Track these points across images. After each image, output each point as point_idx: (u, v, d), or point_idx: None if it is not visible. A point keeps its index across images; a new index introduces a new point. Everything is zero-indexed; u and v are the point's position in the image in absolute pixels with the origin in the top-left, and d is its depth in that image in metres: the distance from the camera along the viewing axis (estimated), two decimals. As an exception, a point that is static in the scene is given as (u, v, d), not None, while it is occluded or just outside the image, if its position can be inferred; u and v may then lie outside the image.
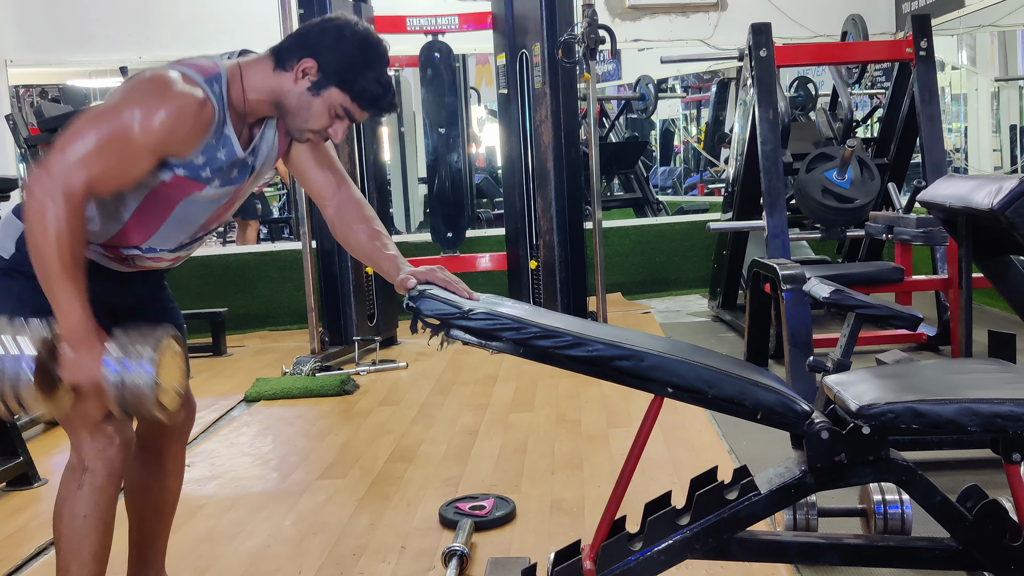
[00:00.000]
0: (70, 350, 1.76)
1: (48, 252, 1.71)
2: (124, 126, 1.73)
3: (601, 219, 5.58)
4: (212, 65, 1.83)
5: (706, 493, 1.82)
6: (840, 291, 2.26)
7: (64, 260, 1.72)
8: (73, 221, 1.71)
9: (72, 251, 1.73)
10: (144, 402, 1.77)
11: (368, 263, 2.09)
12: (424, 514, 2.90)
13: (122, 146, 1.73)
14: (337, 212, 2.09)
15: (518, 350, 1.76)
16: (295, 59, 1.85)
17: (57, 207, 1.69)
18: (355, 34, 1.86)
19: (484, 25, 5.93)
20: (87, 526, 1.91)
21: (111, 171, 1.74)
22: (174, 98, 1.75)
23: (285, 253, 6.61)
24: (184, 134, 1.77)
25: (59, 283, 1.73)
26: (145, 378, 1.76)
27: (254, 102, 1.88)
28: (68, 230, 1.71)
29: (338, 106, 1.87)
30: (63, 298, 1.74)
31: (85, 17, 6.24)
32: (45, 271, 1.73)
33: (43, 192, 1.70)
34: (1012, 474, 1.80)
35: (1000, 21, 7.82)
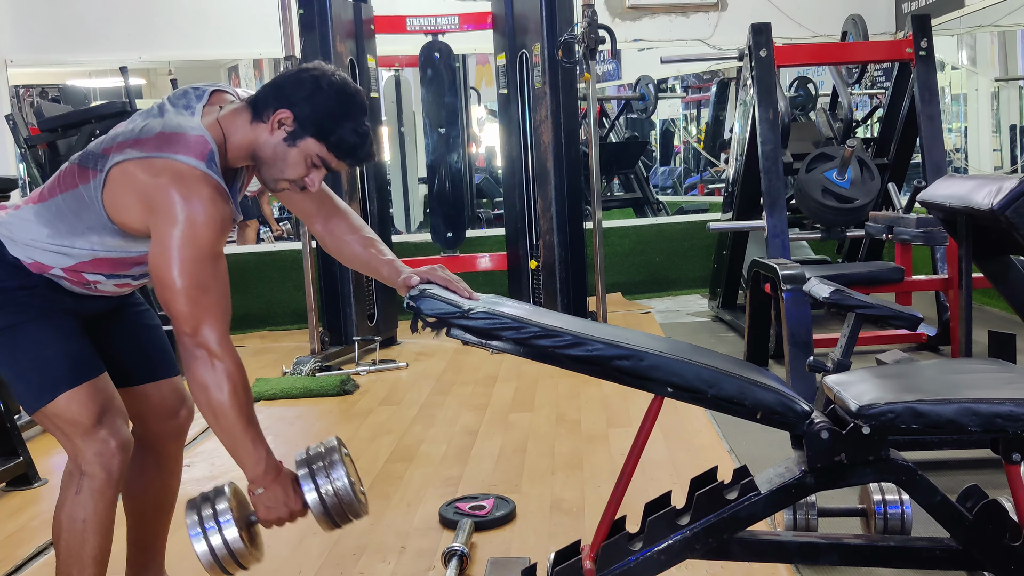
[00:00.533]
0: (263, 490, 1.84)
1: (228, 411, 1.79)
2: (205, 255, 1.78)
3: (601, 219, 5.58)
4: (200, 140, 1.81)
5: (706, 493, 1.82)
6: (840, 291, 2.26)
7: (244, 413, 1.81)
8: (237, 369, 1.80)
9: (248, 398, 1.82)
10: (352, 507, 1.85)
11: (366, 271, 2.10)
12: (424, 514, 2.90)
13: (209, 273, 1.80)
14: (325, 227, 2.09)
15: (518, 349, 1.76)
16: (271, 110, 1.85)
17: (224, 361, 1.78)
18: (332, 85, 1.85)
19: (484, 25, 5.93)
20: (86, 530, 1.91)
21: (219, 296, 1.82)
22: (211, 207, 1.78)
23: (285, 253, 6.61)
24: (224, 225, 1.82)
25: (244, 435, 1.81)
26: (346, 486, 1.83)
27: (233, 154, 1.89)
28: (241, 380, 1.80)
29: (314, 156, 1.87)
30: (250, 447, 1.82)
31: (85, 17, 6.24)
32: (228, 429, 1.80)
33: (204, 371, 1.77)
34: (1012, 474, 1.80)
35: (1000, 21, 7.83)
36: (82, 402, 1.89)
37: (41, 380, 1.89)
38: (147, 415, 2.13)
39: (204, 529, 1.80)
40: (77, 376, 1.89)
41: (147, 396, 2.12)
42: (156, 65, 9.46)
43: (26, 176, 6.24)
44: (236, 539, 1.80)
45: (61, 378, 1.88)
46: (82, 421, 1.89)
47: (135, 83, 7.55)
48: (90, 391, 1.90)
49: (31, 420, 3.76)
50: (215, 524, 1.80)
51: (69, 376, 1.89)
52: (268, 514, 1.86)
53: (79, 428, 1.89)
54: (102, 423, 1.90)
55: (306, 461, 1.87)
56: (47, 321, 1.91)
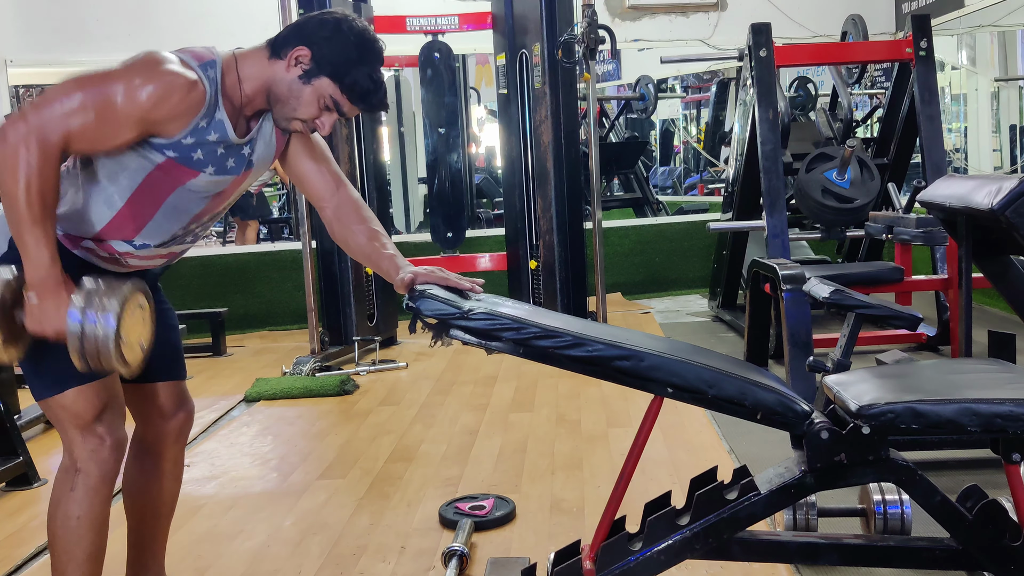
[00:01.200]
0: (36, 297, 1.75)
1: (18, 197, 1.70)
2: (110, 92, 1.73)
3: (601, 219, 5.58)
4: (208, 53, 1.85)
5: (706, 493, 1.82)
6: (840, 291, 2.26)
7: (34, 206, 1.71)
8: (46, 169, 1.71)
9: (43, 198, 1.72)
10: (105, 355, 1.75)
11: (367, 263, 2.09)
12: (424, 514, 2.90)
13: (104, 110, 1.73)
14: (335, 214, 2.09)
15: (518, 350, 1.76)
16: (290, 47, 1.86)
17: (30, 153, 1.69)
18: (352, 29, 1.87)
19: (484, 25, 5.93)
20: (81, 527, 1.91)
21: (89, 131, 1.74)
22: (163, 75, 1.76)
23: (285, 253, 6.60)
24: (168, 111, 1.77)
25: (28, 229, 1.72)
26: (107, 330, 1.73)
27: (250, 92, 1.88)
28: (39, 176, 1.71)
29: (328, 97, 1.88)
30: (31, 243, 1.73)
31: (85, 17, 6.24)
32: (15, 216, 1.72)
33: (17, 137, 1.70)
34: (1012, 474, 1.80)
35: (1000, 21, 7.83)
36: (88, 398, 1.89)
37: (56, 372, 1.88)
38: (150, 414, 2.13)
39: None
40: (90, 374, 1.89)
41: (153, 395, 2.12)
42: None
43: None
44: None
45: (74, 374, 1.87)
46: (84, 416, 1.90)
47: (135, 83, 7.53)
48: (97, 389, 1.91)
49: (31, 420, 3.77)
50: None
51: (83, 373, 1.88)
52: (31, 323, 1.78)
53: (79, 422, 1.90)
54: (101, 420, 1.91)
55: (87, 291, 1.77)
56: None
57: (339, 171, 2.10)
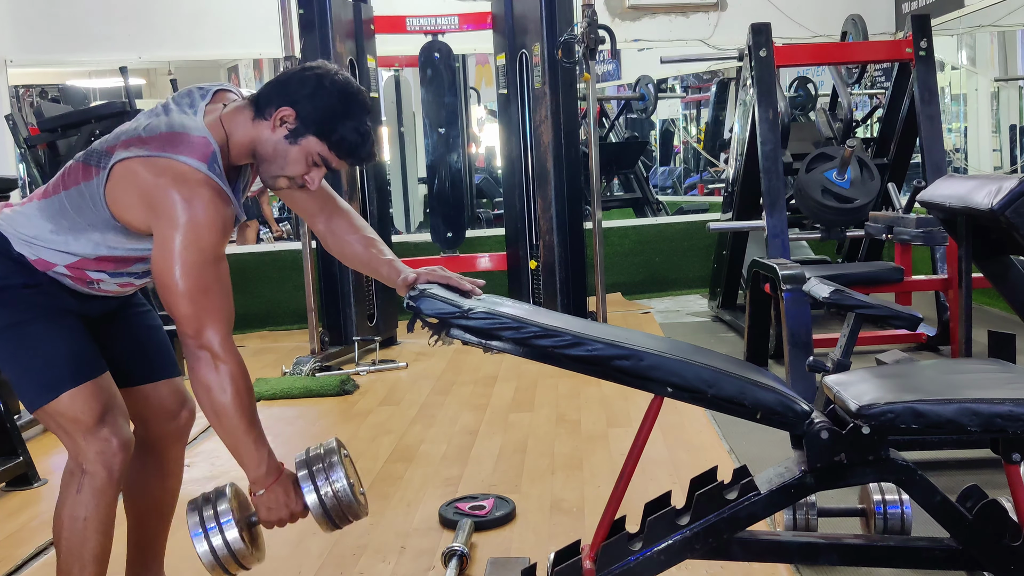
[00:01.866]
0: (264, 491, 1.85)
1: (232, 412, 1.80)
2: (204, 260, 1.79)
3: (601, 219, 5.58)
4: (203, 142, 1.82)
5: (706, 493, 1.82)
6: (840, 291, 2.26)
7: (247, 414, 1.82)
8: (241, 370, 1.81)
9: (251, 399, 1.84)
10: (352, 509, 1.86)
11: (366, 271, 2.10)
12: (424, 514, 2.90)
13: (211, 275, 1.80)
14: (327, 227, 2.10)
15: (518, 349, 1.76)
16: (273, 107, 1.85)
17: (227, 364, 1.79)
18: (335, 83, 1.86)
19: (484, 25, 5.93)
20: (87, 529, 1.91)
21: (221, 295, 1.82)
22: (212, 211, 1.78)
23: (285, 253, 6.61)
24: (226, 228, 1.83)
25: (247, 437, 1.82)
26: (345, 489, 1.84)
27: (235, 153, 1.89)
28: (244, 382, 1.82)
29: (315, 154, 1.87)
30: (253, 448, 1.83)
31: (85, 17, 6.24)
32: (231, 430, 1.81)
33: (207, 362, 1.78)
34: (1012, 474, 1.80)
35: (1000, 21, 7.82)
36: (85, 401, 1.89)
37: (44, 378, 1.89)
38: (148, 416, 2.13)
39: (206, 530, 1.80)
40: (80, 375, 1.90)
41: (148, 397, 2.12)
42: (156, 65, 9.46)
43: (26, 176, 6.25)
44: (237, 539, 1.81)
45: (64, 377, 1.88)
46: (84, 420, 1.89)
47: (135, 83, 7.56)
48: (93, 390, 1.90)
49: (31, 420, 3.77)
50: (216, 525, 1.81)
51: (72, 375, 1.89)
52: (269, 515, 1.87)
53: (81, 426, 1.89)
54: (104, 422, 1.90)
55: (306, 462, 1.88)
56: (50, 320, 1.91)
57: (325, 184, 2.09)
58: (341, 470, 1.85)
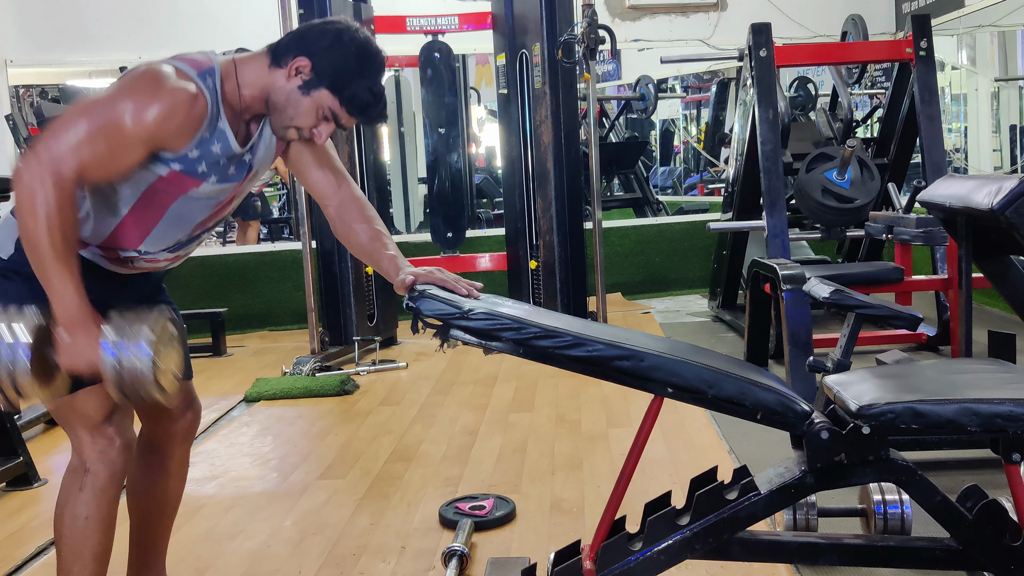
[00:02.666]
0: (66, 335, 1.75)
1: (40, 236, 1.70)
2: (116, 116, 1.74)
3: (601, 219, 5.58)
4: (206, 59, 1.84)
5: (706, 493, 1.82)
6: (840, 291, 2.26)
7: (56, 244, 1.71)
8: (64, 205, 1.71)
9: (64, 235, 1.72)
10: (143, 384, 1.76)
11: (368, 262, 2.09)
12: (424, 514, 2.90)
13: (113, 136, 1.74)
14: (338, 211, 2.09)
15: (518, 350, 1.76)
16: (290, 56, 1.86)
17: (47, 191, 1.69)
18: (354, 40, 1.86)
19: (484, 25, 5.93)
20: (88, 528, 1.91)
21: (101, 160, 1.74)
22: (166, 92, 1.76)
23: (285, 253, 6.61)
24: (175, 127, 1.78)
25: (52, 267, 1.72)
26: (143, 360, 1.74)
27: (249, 98, 1.88)
28: (59, 214, 1.71)
29: (326, 108, 1.88)
30: (57, 282, 1.73)
31: (85, 17, 6.24)
32: (38, 256, 1.72)
33: (32, 177, 1.69)
34: (1012, 474, 1.80)
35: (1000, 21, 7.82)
36: (99, 399, 1.89)
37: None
38: (156, 415, 2.13)
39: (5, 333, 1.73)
40: None
41: None
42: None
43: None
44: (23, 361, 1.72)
45: None
46: (93, 416, 1.90)
47: (135, 83, 7.53)
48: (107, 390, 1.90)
49: (31, 420, 3.77)
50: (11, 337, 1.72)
51: None
52: (66, 361, 1.77)
53: (89, 422, 1.90)
54: (111, 421, 1.91)
55: (118, 325, 1.78)
56: None
57: (342, 168, 2.10)
58: (145, 344, 1.74)
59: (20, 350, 1.71)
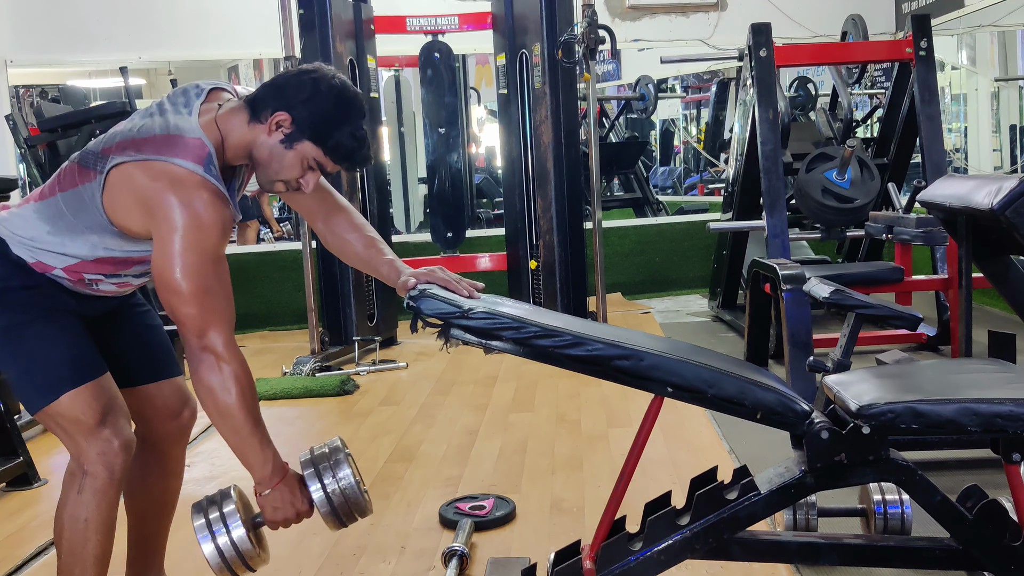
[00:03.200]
0: (270, 491, 1.86)
1: (236, 413, 1.81)
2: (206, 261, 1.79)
3: (601, 219, 5.58)
4: (198, 142, 1.82)
5: (706, 493, 1.82)
6: (840, 291, 2.26)
7: (251, 415, 1.84)
8: (241, 371, 1.82)
9: (255, 400, 1.85)
10: (359, 507, 1.87)
11: (366, 270, 2.10)
12: (424, 514, 2.90)
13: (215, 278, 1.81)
14: (327, 225, 2.10)
15: (518, 349, 1.76)
16: (269, 111, 1.85)
17: (231, 364, 1.80)
18: (331, 88, 1.86)
19: (484, 25, 5.93)
20: (88, 530, 1.91)
21: (226, 292, 1.83)
22: (212, 213, 1.79)
23: (285, 253, 6.61)
24: (225, 228, 1.84)
25: (251, 437, 1.84)
26: (352, 486, 1.85)
27: (231, 154, 1.90)
28: (247, 382, 1.83)
29: (311, 158, 1.88)
30: (257, 449, 1.84)
31: (85, 17, 6.24)
32: (235, 430, 1.82)
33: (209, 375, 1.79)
34: (1012, 474, 1.80)
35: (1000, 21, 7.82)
36: (86, 401, 1.89)
37: (45, 380, 1.89)
38: (150, 415, 2.13)
39: (212, 531, 1.81)
40: (80, 376, 1.90)
41: (150, 396, 2.12)
42: (156, 65, 9.46)
43: (26, 176, 6.25)
44: (244, 539, 1.82)
45: (64, 378, 1.88)
46: (85, 420, 1.89)
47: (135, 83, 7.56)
48: (94, 391, 1.90)
49: (31, 420, 3.77)
50: (223, 526, 1.82)
51: (72, 376, 1.89)
52: (275, 515, 1.87)
53: (82, 427, 1.89)
54: (105, 423, 1.90)
55: (311, 461, 1.89)
56: (50, 321, 1.91)
57: (325, 182, 2.09)
58: (347, 467, 1.86)
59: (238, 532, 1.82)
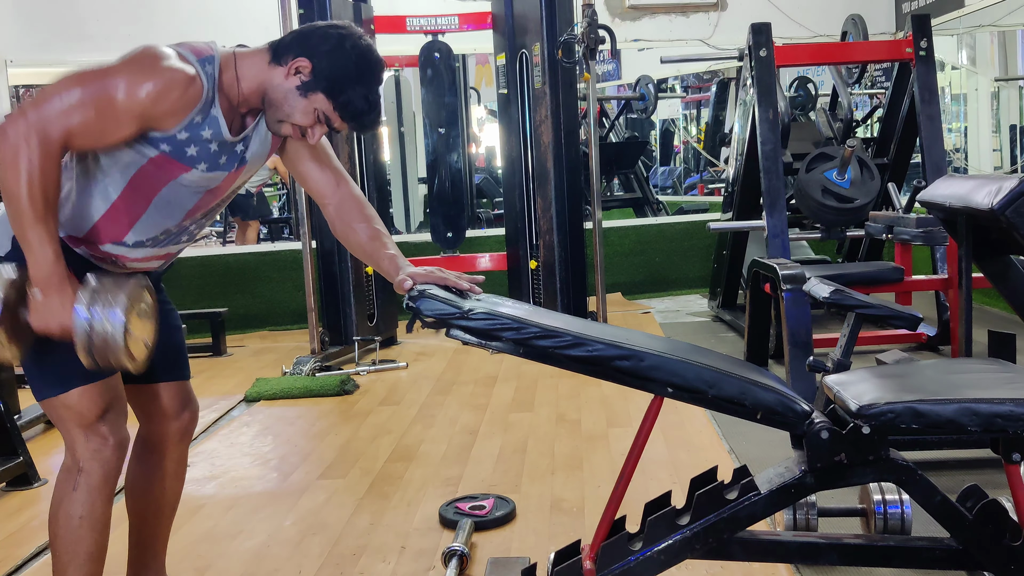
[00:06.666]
0: (40, 294, 1.76)
1: (20, 194, 1.71)
2: (110, 88, 1.74)
3: (601, 219, 5.58)
4: (207, 48, 1.86)
5: (706, 493, 1.82)
6: (840, 291, 2.26)
7: (36, 203, 1.72)
8: (47, 166, 1.72)
9: (45, 195, 1.73)
10: (113, 350, 1.75)
11: (368, 262, 2.10)
12: (424, 514, 2.90)
13: (104, 106, 1.74)
14: (337, 211, 2.09)
15: (518, 350, 1.76)
16: (291, 56, 1.87)
17: (31, 150, 1.70)
18: (355, 47, 1.87)
19: (484, 25, 5.93)
20: (83, 527, 1.91)
21: (90, 128, 1.75)
22: (163, 70, 1.77)
23: (285, 253, 6.60)
24: (168, 106, 1.78)
25: (31, 226, 1.73)
26: (115, 325, 1.74)
27: (246, 91, 1.89)
28: (41, 173, 1.71)
29: (321, 111, 1.89)
30: (35, 242, 1.74)
31: (84, 17, 6.24)
32: (17, 214, 1.73)
33: (17, 134, 1.70)
34: (1012, 474, 1.80)
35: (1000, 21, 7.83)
36: (92, 398, 1.90)
37: (59, 372, 1.89)
38: (154, 414, 2.13)
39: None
40: (93, 374, 1.89)
41: (157, 395, 2.12)
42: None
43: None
44: None
45: (78, 373, 1.87)
46: (87, 415, 1.90)
47: (135, 83, 7.53)
48: (101, 389, 1.91)
49: (31, 420, 3.77)
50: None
51: (85, 372, 1.88)
52: (37, 320, 1.78)
53: (82, 421, 1.90)
54: (104, 420, 1.91)
55: (92, 288, 1.77)
56: None
57: (340, 168, 2.11)
58: (119, 310, 1.75)
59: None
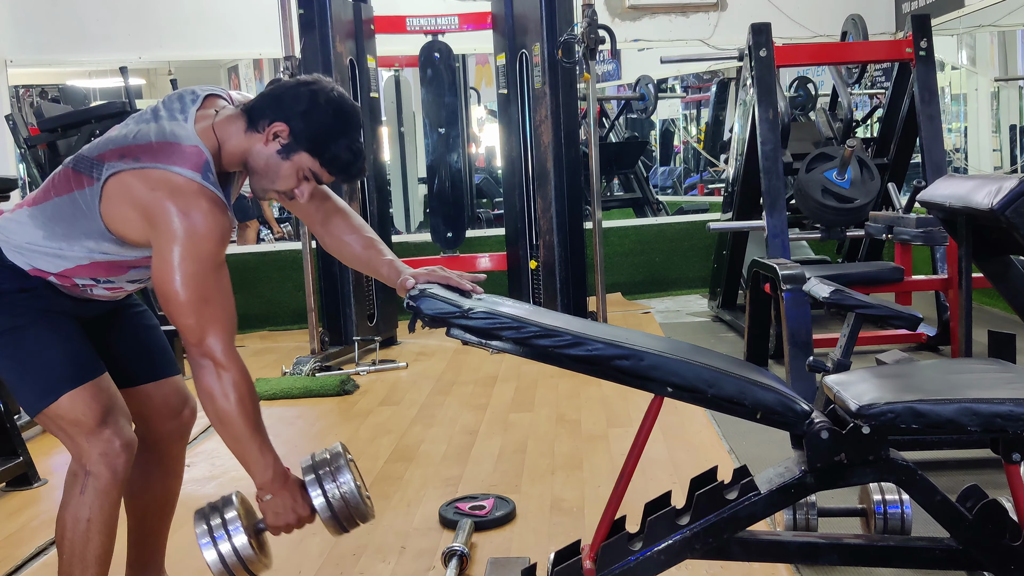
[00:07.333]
0: (271, 496, 1.86)
1: (235, 419, 1.82)
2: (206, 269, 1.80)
3: (601, 219, 5.58)
4: (194, 149, 1.82)
5: (706, 493, 1.82)
6: (840, 291, 2.26)
7: (251, 420, 1.84)
8: (241, 378, 1.83)
9: (255, 406, 1.85)
10: (360, 512, 1.87)
11: (366, 271, 2.10)
12: (424, 514, 2.90)
13: (218, 283, 1.82)
14: (325, 228, 2.10)
15: (518, 349, 1.76)
16: (267, 121, 1.86)
17: (230, 371, 1.81)
18: (329, 101, 1.86)
19: (484, 25, 5.93)
20: (90, 530, 1.91)
21: (225, 305, 1.84)
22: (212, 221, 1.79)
23: (285, 253, 6.61)
24: (224, 236, 1.84)
25: (251, 441, 1.84)
26: (352, 492, 1.85)
27: (227, 162, 1.91)
28: (247, 389, 1.83)
29: (306, 169, 1.89)
30: (256, 452, 1.85)
31: (84, 17, 6.24)
32: (235, 436, 1.83)
33: (209, 381, 1.80)
34: (1012, 474, 1.80)
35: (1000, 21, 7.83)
36: (85, 402, 1.89)
37: (43, 382, 1.89)
38: (150, 415, 2.13)
39: (214, 537, 1.81)
40: (79, 377, 1.90)
41: (149, 396, 2.12)
42: (156, 65, 9.46)
43: (26, 176, 6.25)
44: (246, 545, 1.82)
45: (63, 379, 1.88)
46: (86, 421, 1.89)
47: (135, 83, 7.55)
48: (93, 391, 1.90)
49: (31, 420, 3.76)
50: (224, 532, 1.82)
51: (71, 377, 1.89)
52: (276, 520, 1.87)
53: (83, 428, 1.89)
54: (106, 423, 1.90)
55: (313, 467, 1.89)
56: (47, 323, 1.92)
57: (323, 186, 2.09)
58: (348, 473, 1.86)
59: (240, 539, 1.82)
